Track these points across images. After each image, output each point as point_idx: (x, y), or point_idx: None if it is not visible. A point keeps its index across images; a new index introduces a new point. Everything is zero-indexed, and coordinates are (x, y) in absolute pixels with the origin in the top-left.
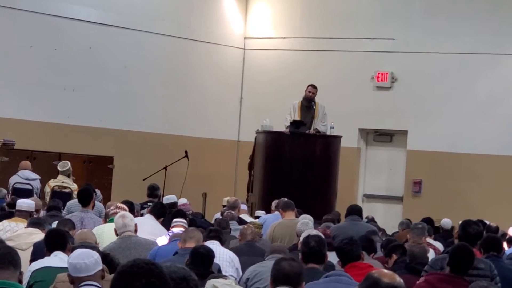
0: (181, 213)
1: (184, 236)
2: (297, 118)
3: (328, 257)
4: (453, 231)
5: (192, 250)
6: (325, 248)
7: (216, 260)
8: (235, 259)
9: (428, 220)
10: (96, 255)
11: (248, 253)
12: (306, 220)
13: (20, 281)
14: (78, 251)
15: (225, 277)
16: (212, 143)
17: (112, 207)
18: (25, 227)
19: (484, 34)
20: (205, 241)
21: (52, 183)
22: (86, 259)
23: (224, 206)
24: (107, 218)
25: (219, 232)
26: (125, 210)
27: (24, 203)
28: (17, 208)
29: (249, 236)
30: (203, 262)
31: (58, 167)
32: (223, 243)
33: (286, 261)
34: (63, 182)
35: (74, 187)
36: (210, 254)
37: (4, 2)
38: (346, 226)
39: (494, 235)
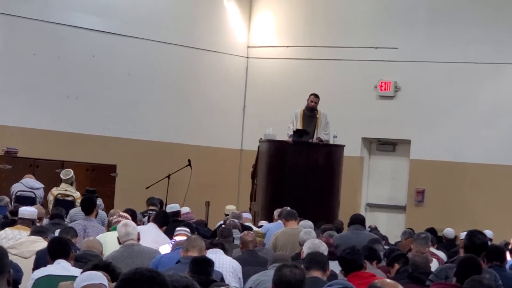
0: (188, 225)
1: (187, 244)
2: (300, 127)
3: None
4: (456, 240)
5: (192, 260)
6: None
7: (219, 270)
8: (238, 268)
9: (431, 230)
10: (104, 279)
11: (251, 262)
12: (309, 229)
13: (9, 282)
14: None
15: (227, 285)
16: (215, 152)
17: (115, 216)
18: (28, 235)
19: (487, 43)
20: (208, 249)
21: (55, 191)
22: (93, 274)
23: (226, 215)
24: (110, 226)
25: (221, 242)
26: (128, 219)
27: (27, 211)
28: (19, 216)
29: (250, 244)
30: (204, 271)
31: (61, 175)
32: (226, 252)
33: (288, 267)
34: (66, 190)
35: (77, 195)
36: (210, 262)
37: (8, 10)
38: (349, 235)
39: (498, 245)
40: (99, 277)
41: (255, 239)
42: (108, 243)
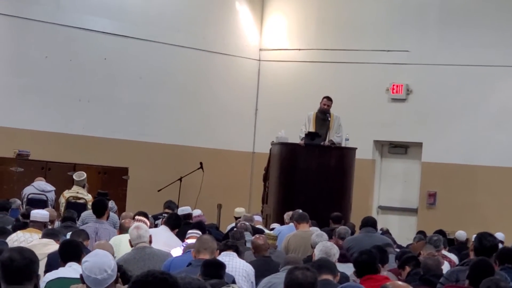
0: (199, 225)
1: (198, 246)
2: (312, 129)
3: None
4: (468, 243)
5: (203, 262)
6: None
7: (231, 274)
8: (251, 272)
9: (440, 233)
10: (110, 268)
11: (267, 271)
12: (321, 231)
13: (36, 286)
14: (94, 258)
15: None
16: (227, 155)
17: (128, 220)
18: (39, 238)
19: (499, 46)
20: (222, 251)
21: (66, 193)
22: (98, 274)
23: (236, 218)
24: (123, 229)
25: (235, 244)
26: (145, 223)
27: (39, 214)
28: (31, 219)
29: (263, 248)
30: (215, 274)
31: (74, 177)
32: (239, 254)
33: (299, 270)
34: (77, 192)
35: (89, 197)
36: (221, 265)
37: (20, 13)
38: (361, 238)
39: (510, 248)
40: (107, 279)
41: (267, 242)
42: (123, 245)
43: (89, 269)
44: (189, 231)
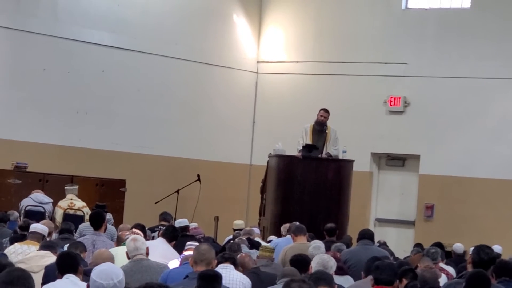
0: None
1: (195, 257)
2: (309, 141)
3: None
4: (465, 255)
5: (199, 275)
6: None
7: (228, 286)
8: (248, 285)
9: (438, 245)
10: (117, 278)
11: (260, 283)
12: (318, 244)
13: None
14: (104, 266)
15: None
16: (224, 167)
17: (127, 232)
18: (37, 250)
19: (497, 59)
20: (219, 264)
21: (62, 203)
22: (104, 281)
23: (234, 230)
24: (120, 241)
25: (232, 257)
26: (140, 235)
27: (39, 226)
28: (31, 230)
29: (250, 263)
30: (211, 286)
31: (66, 186)
32: (236, 266)
33: (296, 282)
34: (71, 199)
35: (83, 204)
36: (217, 277)
37: (18, 25)
38: (358, 250)
39: (507, 260)
40: (112, 287)
41: (251, 258)
42: (119, 257)
43: (97, 274)
44: (188, 243)
